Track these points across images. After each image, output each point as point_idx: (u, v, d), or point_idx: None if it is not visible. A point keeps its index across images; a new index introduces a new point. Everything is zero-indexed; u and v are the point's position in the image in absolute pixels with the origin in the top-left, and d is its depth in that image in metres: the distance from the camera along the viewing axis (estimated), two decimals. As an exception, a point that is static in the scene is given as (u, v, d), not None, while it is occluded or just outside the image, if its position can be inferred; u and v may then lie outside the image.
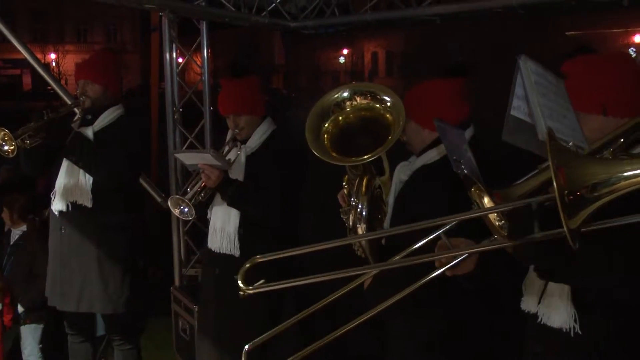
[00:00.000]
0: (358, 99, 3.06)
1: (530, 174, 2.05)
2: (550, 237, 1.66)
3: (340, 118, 3.06)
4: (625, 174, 1.34)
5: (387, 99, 3.02)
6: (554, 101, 1.93)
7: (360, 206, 2.94)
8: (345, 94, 3.07)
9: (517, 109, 1.92)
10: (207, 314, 4.24)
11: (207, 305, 4.26)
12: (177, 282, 5.68)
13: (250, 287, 1.92)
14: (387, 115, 3.00)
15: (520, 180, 2.02)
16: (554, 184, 1.32)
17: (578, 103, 2.26)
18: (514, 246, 1.94)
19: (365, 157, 2.88)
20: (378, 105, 3.05)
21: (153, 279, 7.06)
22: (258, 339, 2.35)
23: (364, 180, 3.00)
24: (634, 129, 2.18)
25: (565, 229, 1.32)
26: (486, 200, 1.99)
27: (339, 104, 3.07)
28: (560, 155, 1.37)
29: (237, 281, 1.92)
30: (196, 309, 4.83)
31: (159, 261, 6.90)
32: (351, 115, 3.07)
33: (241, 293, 1.96)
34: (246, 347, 2.33)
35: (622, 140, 2.16)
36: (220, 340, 4.13)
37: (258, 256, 1.93)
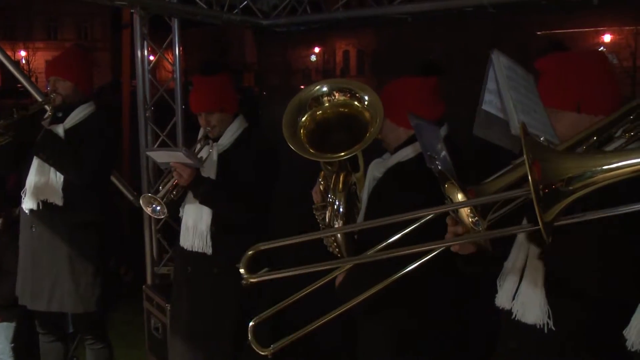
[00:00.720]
0: (337, 95, 3.08)
1: (504, 170, 2.07)
2: (524, 231, 1.68)
3: (318, 113, 3.07)
4: (600, 168, 1.35)
5: (366, 97, 3.04)
6: (524, 95, 1.94)
7: (337, 203, 2.96)
8: (324, 89, 3.08)
9: (489, 103, 1.93)
10: (180, 312, 4.23)
11: (179, 304, 4.24)
12: (149, 280, 5.65)
13: (254, 276, 1.90)
14: (365, 113, 3.02)
15: (494, 176, 2.04)
16: (529, 177, 1.33)
17: (552, 100, 2.29)
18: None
19: (343, 154, 2.90)
20: (356, 103, 3.06)
21: (125, 277, 7.02)
22: (265, 313, 2.33)
23: (341, 177, 3.02)
24: (607, 127, 2.21)
25: (539, 222, 1.33)
26: (460, 196, 2.01)
27: (317, 99, 3.08)
28: (535, 149, 1.38)
29: (239, 269, 1.90)
30: (168, 308, 4.81)
31: (131, 260, 6.87)
32: (329, 111, 3.09)
33: (244, 282, 1.94)
34: (251, 322, 2.31)
35: (595, 138, 2.20)
36: (193, 338, 4.12)
37: (261, 243, 1.92)
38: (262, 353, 2.25)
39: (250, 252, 1.91)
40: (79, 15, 50.94)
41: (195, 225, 3.97)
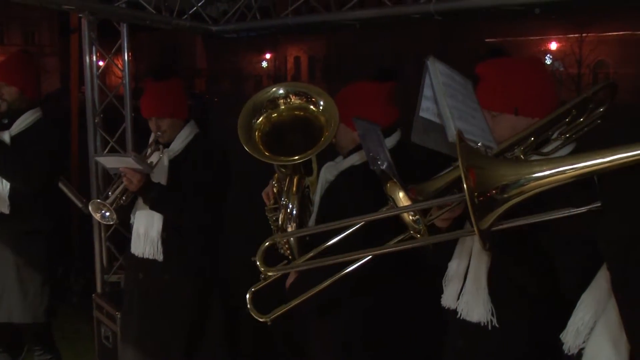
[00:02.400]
0: (293, 98, 3.09)
1: (445, 171, 2.12)
2: (461, 235, 1.70)
3: (274, 115, 3.08)
4: (534, 175, 1.36)
5: (322, 101, 3.06)
6: (462, 102, 1.97)
7: (290, 205, 2.97)
8: (281, 92, 3.10)
9: (426, 110, 1.94)
10: (130, 320, 4.18)
11: (130, 311, 4.20)
12: (99, 288, 5.56)
13: (272, 269, 1.89)
14: (321, 117, 3.05)
15: (435, 177, 2.09)
16: (464, 185, 1.33)
17: (491, 103, 2.36)
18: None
19: (298, 157, 2.92)
20: (312, 107, 3.09)
21: (75, 286, 6.91)
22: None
23: (295, 180, 3.03)
24: (544, 128, 2.28)
25: (475, 230, 1.34)
26: (401, 195, 2.05)
27: (273, 101, 3.10)
28: (470, 156, 1.38)
29: (255, 262, 1.89)
30: (119, 316, 4.75)
31: (81, 268, 6.76)
32: (284, 114, 3.10)
33: (262, 276, 1.93)
34: (252, 288, 2.31)
35: (532, 139, 2.26)
36: (144, 346, 4.08)
37: (277, 234, 1.91)
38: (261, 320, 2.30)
39: (266, 244, 1.90)
40: (26, 20, 49.72)
41: (147, 231, 3.94)
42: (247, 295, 2.37)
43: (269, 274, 1.93)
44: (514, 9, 3.77)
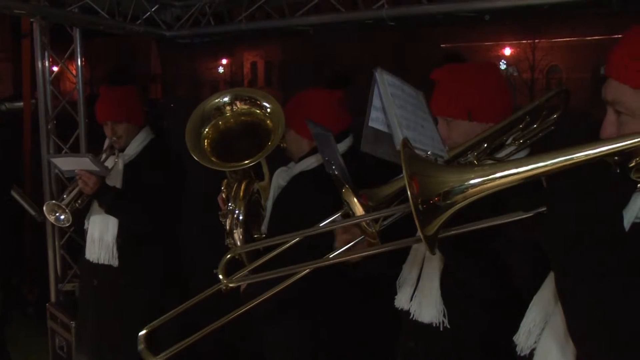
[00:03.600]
0: (238, 104, 3.10)
1: (397, 177, 2.15)
2: (409, 244, 1.72)
3: (221, 123, 3.09)
4: (472, 181, 1.37)
5: (267, 105, 3.08)
6: (411, 112, 1.98)
7: (237, 211, 2.97)
8: (226, 99, 3.10)
9: (375, 120, 1.96)
10: (85, 329, 4.14)
11: (84, 320, 4.16)
12: (52, 298, 5.48)
13: (233, 279, 1.88)
14: (267, 121, 3.06)
15: (386, 183, 2.12)
16: (408, 193, 1.33)
17: (446, 109, 2.40)
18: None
19: (244, 163, 2.92)
20: (258, 111, 3.10)
21: (28, 296, 6.78)
22: (154, 322, 2.30)
23: (242, 185, 3.04)
24: (498, 134, 2.32)
25: (421, 236, 1.34)
26: (355, 200, 2.08)
27: (220, 109, 3.10)
28: (414, 163, 1.38)
29: (217, 274, 1.88)
30: (73, 325, 4.69)
31: (35, 277, 6.64)
32: (232, 120, 3.11)
33: (223, 287, 1.91)
34: (142, 332, 2.27)
35: (485, 144, 2.30)
36: (100, 354, 4.04)
37: (238, 246, 1.89)
38: None
39: (228, 256, 1.89)
40: (-25, 25, 48.79)
41: (101, 236, 3.92)
42: (139, 337, 2.35)
43: (231, 285, 1.93)
44: (466, 15, 3.82)
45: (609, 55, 1.53)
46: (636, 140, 1.35)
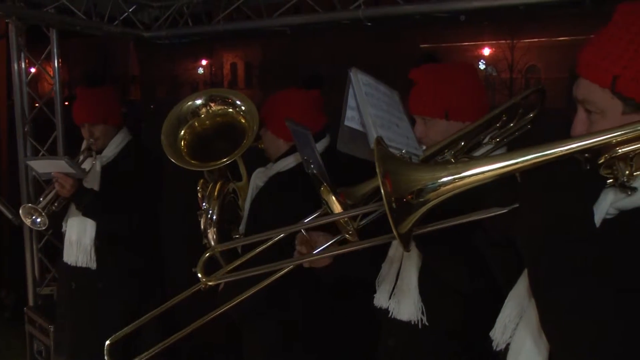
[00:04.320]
0: (213, 105, 3.11)
1: (374, 176, 2.16)
2: (384, 241, 1.73)
3: (197, 124, 3.09)
4: (445, 179, 1.38)
5: (241, 104, 3.08)
6: (386, 111, 2.00)
7: (210, 211, 2.98)
8: (200, 101, 3.11)
9: (351, 119, 1.98)
10: (64, 332, 4.11)
11: (63, 323, 4.13)
12: (31, 302, 5.43)
13: (212, 278, 1.87)
14: (242, 120, 3.07)
15: (364, 182, 2.13)
16: (381, 191, 1.34)
17: (423, 108, 2.42)
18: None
19: (219, 162, 2.93)
20: (232, 111, 3.10)
21: (6, 300, 6.73)
22: (118, 333, 2.31)
23: (217, 186, 3.04)
24: (475, 133, 2.35)
25: (395, 235, 1.35)
26: (333, 198, 2.09)
27: (195, 111, 3.10)
28: (387, 162, 1.39)
29: (196, 273, 1.87)
30: (52, 329, 4.65)
31: (13, 281, 6.58)
32: (207, 122, 3.11)
33: (202, 286, 1.91)
34: (107, 342, 2.27)
35: (462, 143, 2.32)
36: (78, 358, 4.01)
37: (218, 245, 1.88)
38: None
39: (207, 254, 1.89)
40: (-50, 27, 48.21)
41: (79, 239, 3.89)
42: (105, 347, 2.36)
43: (209, 283, 1.93)
44: (443, 16, 3.85)
45: (579, 55, 1.55)
46: (604, 137, 1.38)
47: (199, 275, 1.87)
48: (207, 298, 2.60)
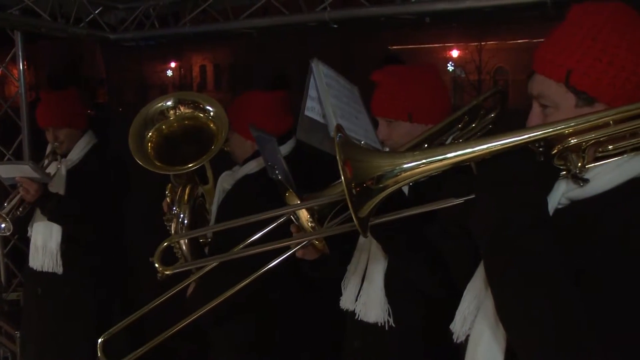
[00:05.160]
0: (182, 108, 3.10)
1: (340, 180, 2.17)
2: (344, 229, 1.75)
3: (164, 127, 3.08)
4: (404, 165, 1.42)
5: (211, 108, 3.07)
6: (346, 103, 2.03)
7: (182, 215, 2.97)
8: (169, 103, 3.09)
9: (311, 109, 2.00)
10: (30, 338, 4.07)
11: (29, 328, 4.08)
12: (-4, 307, 5.36)
13: (169, 268, 1.85)
14: (211, 125, 3.06)
15: (329, 185, 2.14)
16: (341, 176, 1.37)
17: (387, 110, 2.44)
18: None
19: (188, 166, 2.92)
20: (202, 115, 3.09)
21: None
22: (114, 327, 2.27)
23: (187, 189, 3.03)
24: (438, 134, 2.37)
25: (354, 219, 1.38)
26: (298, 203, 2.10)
27: (163, 113, 3.09)
28: (347, 149, 1.42)
29: (153, 263, 1.85)
30: (18, 335, 4.59)
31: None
32: (175, 124, 3.10)
33: (159, 275, 1.88)
34: (100, 339, 2.24)
35: (425, 145, 2.34)
36: (46, 363, 3.97)
37: (175, 235, 1.87)
38: None
39: (164, 244, 1.88)
40: None
41: (45, 244, 3.85)
42: (99, 344, 2.34)
43: (166, 272, 1.92)
44: (408, 18, 3.88)
45: (535, 52, 1.60)
46: (557, 127, 1.43)
47: (156, 265, 1.86)
48: (176, 304, 2.59)
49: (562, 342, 1.28)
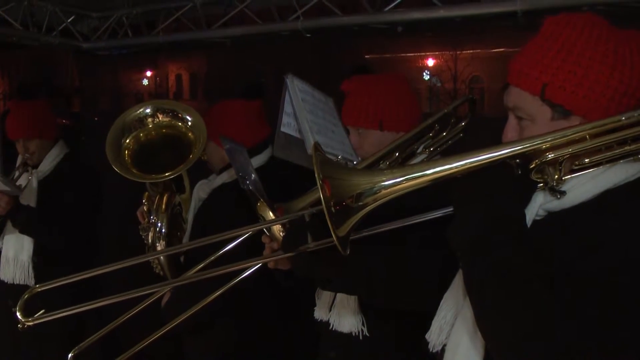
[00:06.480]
0: (160, 116, 3.08)
1: (312, 189, 2.17)
2: (322, 246, 1.75)
3: (142, 134, 3.06)
4: (383, 183, 1.44)
5: (189, 117, 3.06)
6: (322, 117, 2.02)
7: (159, 224, 2.94)
8: (148, 111, 3.07)
9: (287, 125, 2.00)
10: (1, 352, 4.00)
11: (0, 343, 4.02)
12: (-33, 322, 5.26)
13: (30, 319, 1.82)
14: (189, 134, 3.04)
15: (302, 195, 2.14)
16: (320, 195, 1.38)
17: (357, 119, 2.43)
18: (291, 258, 2.03)
19: (166, 175, 2.90)
20: (180, 124, 3.08)
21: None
22: (84, 342, 2.25)
23: (164, 198, 3.01)
24: (409, 143, 2.38)
25: (334, 237, 1.39)
26: (270, 214, 2.10)
27: (141, 120, 3.07)
28: (326, 167, 1.43)
29: (15, 312, 1.82)
30: (-11, 348, 4.53)
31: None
32: (153, 132, 3.08)
33: (20, 326, 1.85)
34: (70, 354, 2.21)
35: (397, 153, 2.35)
36: (17, 377, 3.92)
37: (37, 285, 1.84)
38: None
39: (26, 295, 1.85)
40: None
41: (16, 256, 3.81)
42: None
43: (28, 324, 1.89)
44: (381, 27, 3.90)
45: (510, 64, 1.60)
46: (534, 143, 1.45)
47: (18, 315, 1.83)
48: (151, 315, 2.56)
49: (543, 352, 1.28)
